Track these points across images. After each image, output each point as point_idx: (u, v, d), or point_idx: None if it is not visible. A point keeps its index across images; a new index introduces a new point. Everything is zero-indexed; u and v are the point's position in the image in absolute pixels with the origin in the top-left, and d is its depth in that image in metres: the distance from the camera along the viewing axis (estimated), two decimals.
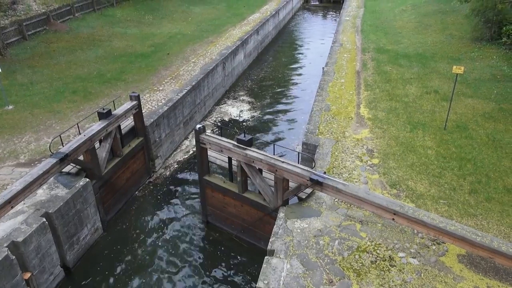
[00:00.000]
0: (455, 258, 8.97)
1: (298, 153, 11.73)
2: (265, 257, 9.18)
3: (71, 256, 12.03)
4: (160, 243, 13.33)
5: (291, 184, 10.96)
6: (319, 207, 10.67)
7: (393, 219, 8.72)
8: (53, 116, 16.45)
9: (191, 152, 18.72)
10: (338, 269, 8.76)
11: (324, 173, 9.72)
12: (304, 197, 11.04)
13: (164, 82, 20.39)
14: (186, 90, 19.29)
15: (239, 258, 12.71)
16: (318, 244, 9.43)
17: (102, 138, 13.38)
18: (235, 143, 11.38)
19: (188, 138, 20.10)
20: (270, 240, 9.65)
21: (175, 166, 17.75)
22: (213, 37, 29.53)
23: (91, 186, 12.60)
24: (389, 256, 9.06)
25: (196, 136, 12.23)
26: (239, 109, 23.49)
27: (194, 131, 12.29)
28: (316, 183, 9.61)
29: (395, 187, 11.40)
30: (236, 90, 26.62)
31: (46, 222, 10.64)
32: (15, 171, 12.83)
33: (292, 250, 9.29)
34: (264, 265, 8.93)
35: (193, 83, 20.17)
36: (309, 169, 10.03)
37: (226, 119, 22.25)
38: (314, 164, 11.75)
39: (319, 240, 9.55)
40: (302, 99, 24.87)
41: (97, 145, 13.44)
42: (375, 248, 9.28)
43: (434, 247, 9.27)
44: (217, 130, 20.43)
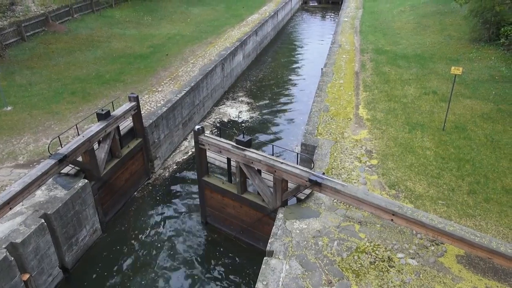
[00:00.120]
0: (454, 259, 8.98)
1: (297, 154, 11.75)
2: (264, 258, 9.18)
3: (70, 257, 12.01)
4: (159, 244, 13.32)
5: (290, 185, 10.97)
6: (318, 208, 10.68)
7: (392, 220, 8.73)
8: (52, 117, 16.43)
9: (190, 153, 18.71)
10: (337, 270, 8.76)
11: (323, 174, 9.73)
12: (303, 198, 11.04)
13: (163, 83, 20.38)
14: (185, 91, 19.30)
15: (238, 259, 12.71)
16: (317, 245, 9.44)
17: (101, 139, 13.37)
18: (234, 144, 11.38)
19: (187, 139, 20.10)
20: (269, 241, 9.65)
21: (174, 167, 17.74)
22: (212, 38, 29.55)
23: (90, 187, 12.59)
24: (388, 257, 9.07)
25: (195, 137, 12.23)
26: (238, 110, 23.50)
27: (193, 132, 12.29)
28: (315, 184, 9.61)
29: (394, 188, 11.41)
30: (235, 91, 26.63)
31: (45, 223, 10.62)
32: (14, 172, 12.81)
33: (291, 251, 9.29)
34: (263, 266, 8.93)
35: (192, 84, 20.18)
36: (308, 170, 10.03)
37: (225, 120, 22.25)
38: (313, 165, 11.76)
39: (318, 241, 9.55)
40: (301, 100, 24.89)
41: (96, 146, 13.44)
42: (374, 249, 9.29)
43: (433, 248, 9.28)
44: (216, 131, 20.43)
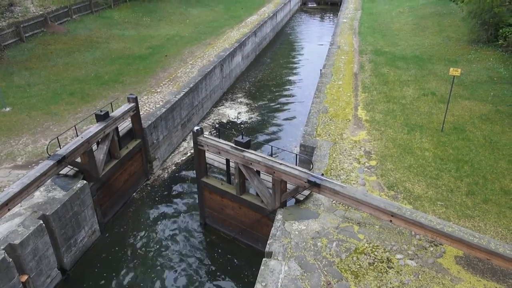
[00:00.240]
0: (453, 260, 8.99)
1: (296, 155, 11.74)
2: (263, 259, 9.18)
3: (68, 259, 11.99)
4: (158, 245, 13.30)
5: (289, 186, 10.97)
6: (317, 209, 10.68)
7: (391, 221, 8.74)
8: (51, 118, 16.41)
9: (189, 154, 18.70)
10: (336, 271, 8.76)
11: (322, 175, 9.73)
12: (302, 199, 11.04)
13: (162, 84, 20.38)
14: (184, 92, 19.29)
15: (237, 260, 12.69)
16: (316, 246, 9.44)
17: (100, 140, 13.35)
18: (233, 145, 11.37)
19: (186, 140, 20.09)
20: (268, 242, 9.65)
21: (173, 168, 17.73)
22: (211, 39, 29.56)
23: (89, 188, 12.56)
24: (387, 258, 9.07)
25: (194, 138, 12.22)
26: (237, 111, 23.50)
27: (192, 133, 12.28)
28: (314, 185, 9.62)
29: (393, 189, 11.42)
30: (234, 92, 26.64)
31: (43, 225, 10.60)
32: (12, 173, 12.79)
33: (290, 252, 9.29)
34: (262, 267, 8.93)
35: (191, 85, 20.18)
36: (307, 171, 10.03)
37: (224, 121, 22.25)
38: (312, 166, 11.76)
39: (317, 242, 9.55)
40: (300, 101, 24.91)
41: (95, 147, 13.42)
42: (373, 250, 9.29)
43: (432, 249, 9.29)
44: (215, 132, 20.43)
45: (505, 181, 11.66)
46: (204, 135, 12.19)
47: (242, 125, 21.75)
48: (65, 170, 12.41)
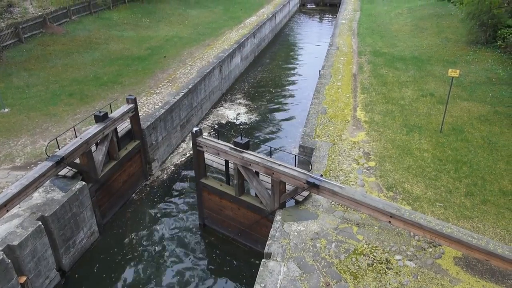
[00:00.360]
0: (452, 261, 9.00)
1: (295, 156, 11.75)
2: (262, 260, 9.18)
3: (67, 260, 11.97)
4: (157, 246, 13.29)
5: (288, 187, 10.96)
6: (316, 210, 10.69)
7: (390, 222, 8.75)
8: (49, 119, 16.39)
9: (188, 155, 18.70)
10: (335, 272, 8.76)
11: (321, 176, 9.74)
12: (301, 200, 11.05)
13: (161, 85, 20.38)
14: (183, 93, 19.29)
15: (236, 261, 12.69)
16: (315, 247, 9.44)
17: (99, 141, 13.35)
18: (232, 146, 11.37)
19: (185, 141, 20.09)
20: (267, 243, 9.65)
21: (172, 169, 17.72)
22: (210, 40, 29.58)
23: (88, 189, 12.55)
24: (386, 259, 9.08)
25: (193, 139, 12.22)
26: (236, 112, 23.51)
27: (191, 134, 12.28)
28: (313, 186, 9.62)
29: (392, 190, 11.43)
30: (233, 93, 26.65)
31: (42, 226, 10.58)
32: (11, 174, 12.77)
33: (289, 253, 9.29)
34: (261, 268, 8.93)
35: (190, 86, 20.18)
36: (306, 172, 10.04)
37: (223, 122, 22.26)
38: (311, 167, 11.77)
39: (316, 243, 9.56)
40: (299, 102, 24.93)
41: (94, 148, 13.41)
42: (372, 251, 9.30)
43: (431, 250, 9.30)
44: (214, 133, 20.43)
45: (504, 182, 11.68)
46: (203, 136, 12.19)
47: (241, 126, 21.76)
48: (64, 171, 12.40)
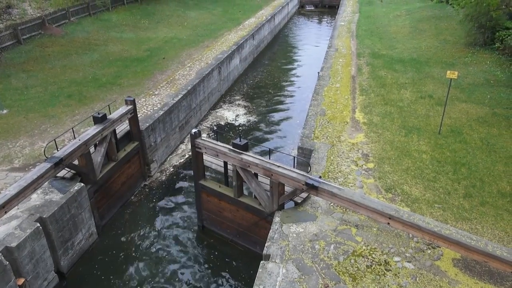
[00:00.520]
0: (450, 262, 9.01)
1: (294, 158, 11.73)
2: (261, 262, 9.17)
3: (66, 262, 11.93)
4: (155, 248, 13.27)
5: (287, 189, 10.97)
6: (315, 212, 10.68)
7: (389, 223, 8.75)
8: (48, 121, 16.37)
9: (187, 157, 18.69)
10: (334, 274, 8.76)
11: (320, 178, 9.74)
12: (300, 202, 11.04)
13: (160, 87, 20.38)
14: (182, 95, 19.30)
15: (235, 263, 12.67)
16: (314, 249, 9.43)
17: (97, 143, 13.33)
18: (231, 148, 11.37)
19: (184, 143, 20.08)
20: (266, 245, 9.64)
21: (171, 171, 17.71)
22: (209, 42, 29.60)
23: (86, 191, 12.53)
24: (385, 261, 9.08)
25: (192, 141, 12.22)
26: (235, 114, 23.52)
27: (190, 136, 12.28)
28: (312, 188, 9.62)
29: (390, 191, 11.44)
30: (232, 95, 26.66)
31: (40, 227, 10.56)
32: (9, 176, 12.74)
33: (288, 255, 9.28)
34: (260, 270, 8.92)
35: (189, 88, 20.18)
36: (305, 174, 10.04)
37: (222, 124, 22.26)
38: (310, 169, 11.77)
39: (315, 245, 9.55)
40: (298, 104, 24.95)
41: (92, 150, 13.38)
42: (371, 253, 9.30)
43: (429, 251, 9.30)
44: (213, 135, 20.43)
45: (502, 184, 11.70)
46: (202, 138, 12.19)
47: (240, 128, 21.76)
48: (63, 173, 12.37)
